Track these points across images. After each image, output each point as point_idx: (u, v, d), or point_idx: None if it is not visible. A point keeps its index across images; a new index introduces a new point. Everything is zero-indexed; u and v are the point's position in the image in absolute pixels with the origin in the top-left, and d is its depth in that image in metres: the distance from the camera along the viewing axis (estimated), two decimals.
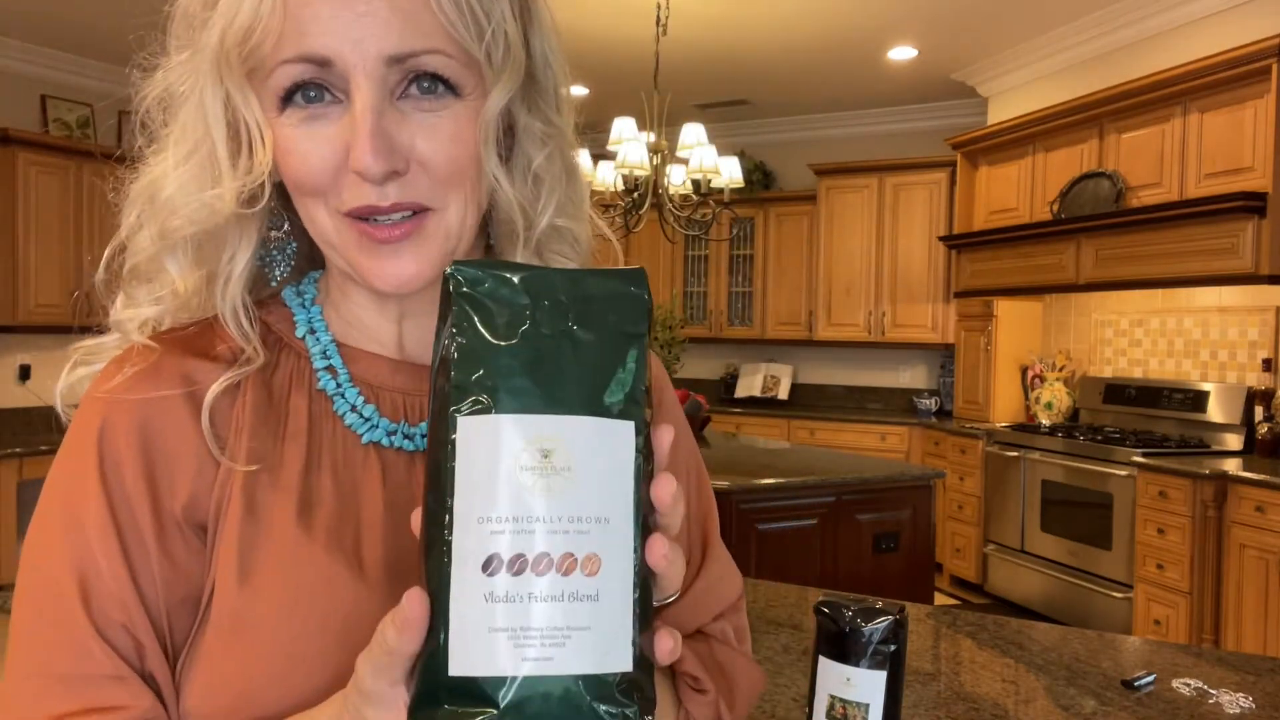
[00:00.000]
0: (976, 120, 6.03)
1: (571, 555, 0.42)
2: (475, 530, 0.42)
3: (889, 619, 0.77)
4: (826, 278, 6.58)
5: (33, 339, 5.50)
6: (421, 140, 0.60)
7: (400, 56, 0.58)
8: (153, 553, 0.60)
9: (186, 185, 0.63)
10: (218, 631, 0.59)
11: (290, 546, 0.61)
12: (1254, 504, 3.67)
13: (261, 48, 0.58)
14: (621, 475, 0.44)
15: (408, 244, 0.61)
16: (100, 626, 0.59)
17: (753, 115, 7.01)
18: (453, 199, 0.62)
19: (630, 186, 4.35)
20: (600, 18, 4.91)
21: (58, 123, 5.65)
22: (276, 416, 0.65)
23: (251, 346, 0.65)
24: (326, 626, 0.59)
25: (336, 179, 0.60)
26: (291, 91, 0.59)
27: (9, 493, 4.94)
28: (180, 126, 0.64)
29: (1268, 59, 3.83)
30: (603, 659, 0.42)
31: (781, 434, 6.42)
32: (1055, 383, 5.30)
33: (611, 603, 0.42)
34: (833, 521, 3.40)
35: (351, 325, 0.70)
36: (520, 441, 0.43)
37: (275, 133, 0.61)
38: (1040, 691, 1.44)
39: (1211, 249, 4.07)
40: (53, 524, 0.61)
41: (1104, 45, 4.94)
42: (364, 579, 0.61)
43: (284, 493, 0.62)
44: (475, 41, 0.60)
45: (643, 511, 0.45)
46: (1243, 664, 1.54)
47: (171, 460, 0.62)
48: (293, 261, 0.72)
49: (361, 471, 0.65)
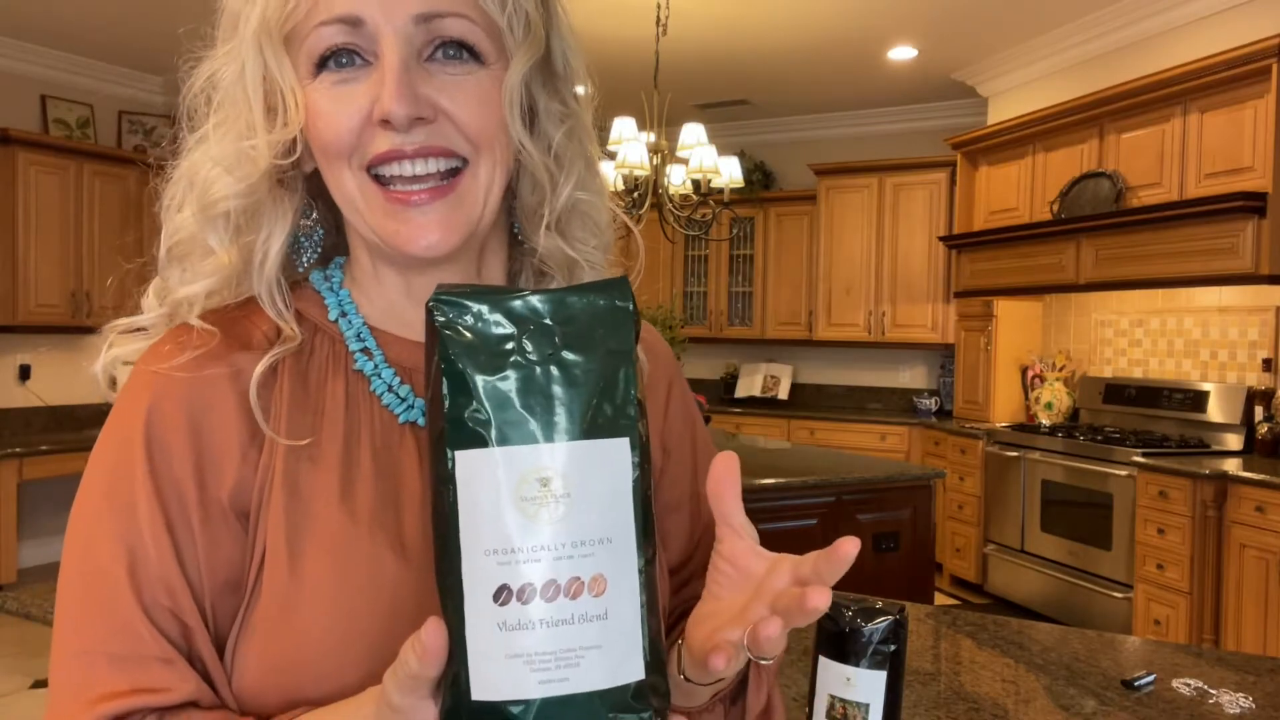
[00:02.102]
0: (976, 120, 6.03)
1: (578, 579, 0.43)
2: (483, 562, 0.43)
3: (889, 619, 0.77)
4: (826, 278, 6.58)
5: (33, 339, 5.50)
6: (446, 98, 0.63)
7: (427, 15, 0.62)
8: (198, 538, 0.62)
9: (226, 152, 0.66)
10: (267, 613, 0.61)
11: (335, 528, 0.63)
12: (1254, 504, 3.67)
13: (297, 12, 0.62)
14: (620, 493, 0.45)
15: (436, 205, 0.63)
16: (148, 609, 0.60)
17: (753, 115, 7.01)
18: (483, 157, 0.65)
19: (630, 186, 4.35)
20: (600, 18, 4.91)
21: (58, 123, 5.65)
22: (313, 400, 0.67)
23: (288, 325, 0.67)
24: (373, 605, 0.61)
25: (362, 135, 0.63)
26: (326, 57, 0.63)
27: (9, 493, 4.94)
28: (219, 108, 0.67)
29: (1268, 59, 3.83)
30: (615, 672, 0.43)
31: (781, 434, 6.42)
32: (1055, 383, 5.30)
33: (620, 618, 0.44)
34: (833, 521, 3.40)
35: (380, 309, 0.72)
36: (518, 473, 0.43)
37: (308, 97, 0.64)
38: (1040, 691, 1.44)
39: (1211, 249, 4.07)
40: (99, 505, 0.62)
41: (1104, 45, 4.94)
42: (406, 557, 0.63)
43: (325, 474, 0.64)
44: (498, 10, 0.64)
45: (649, 520, 0.46)
46: (1243, 664, 1.54)
47: (217, 445, 0.64)
48: (319, 249, 0.75)
49: (400, 450, 0.67)
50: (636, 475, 0.45)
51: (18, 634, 4.38)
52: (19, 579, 4.95)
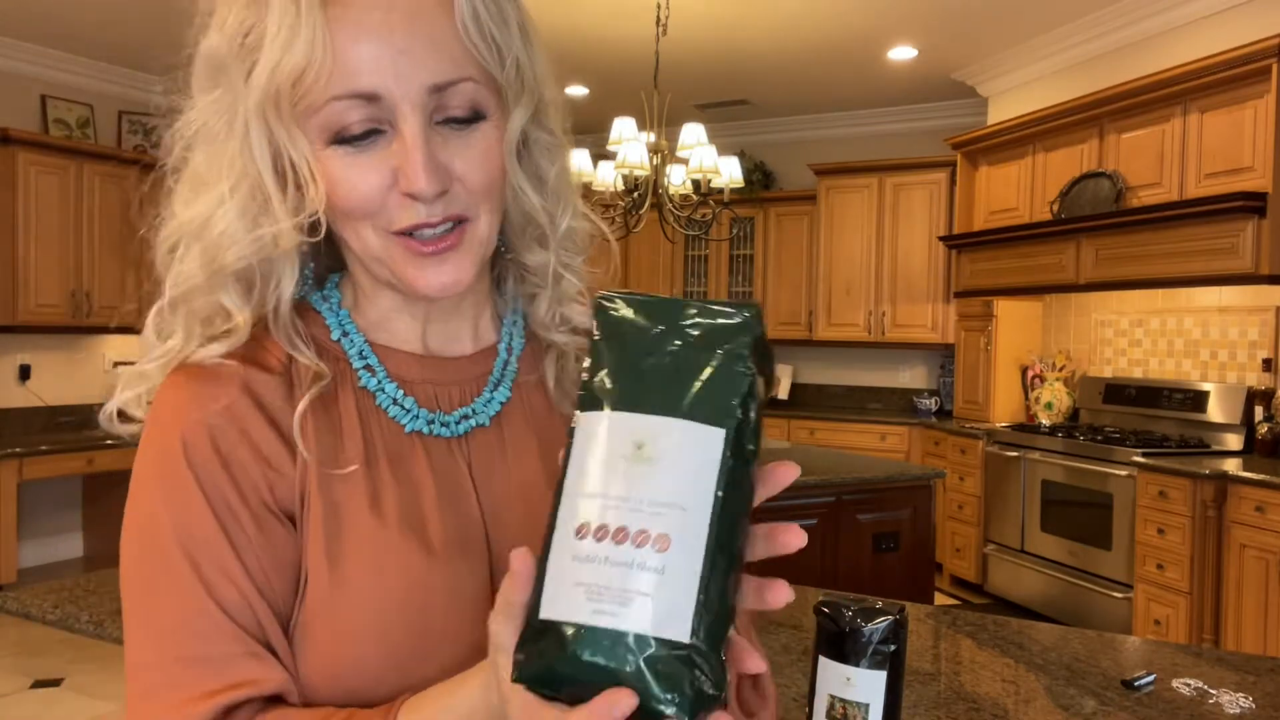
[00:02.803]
0: (976, 120, 6.03)
1: (646, 531, 0.48)
2: (575, 504, 0.50)
3: (889, 619, 0.77)
4: (826, 278, 6.58)
5: (33, 339, 5.50)
6: (459, 160, 0.66)
7: (440, 85, 0.64)
8: (255, 540, 0.66)
9: (235, 222, 0.68)
10: (314, 612, 0.66)
11: (369, 534, 0.68)
12: (1254, 504, 3.67)
13: (314, 88, 0.63)
14: (704, 473, 0.49)
15: (451, 254, 0.68)
16: (228, 610, 0.64)
17: (753, 115, 7.01)
18: (484, 210, 0.69)
19: (630, 186, 4.35)
20: (600, 18, 4.91)
21: (58, 123, 5.65)
22: (331, 417, 0.71)
23: (314, 362, 0.70)
24: (408, 600, 0.67)
25: (385, 201, 0.66)
26: (341, 131, 0.64)
27: (9, 493, 4.94)
28: (216, 159, 0.68)
29: (1268, 59, 3.83)
30: (660, 624, 0.47)
31: (781, 434, 6.42)
32: (1055, 383, 5.30)
33: (676, 579, 0.48)
34: (833, 521, 3.40)
35: (378, 326, 0.76)
36: (620, 434, 0.50)
37: (323, 165, 0.66)
38: (1040, 691, 1.44)
39: (1211, 249, 4.07)
40: (160, 527, 0.65)
41: (1104, 45, 4.94)
42: (433, 556, 0.69)
43: (354, 486, 0.69)
44: (498, 67, 0.67)
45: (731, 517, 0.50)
46: (1243, 664, 1.54)
47: (249, 463, 0.67)
48: (310, 277, 0.77)
49: (411, 458, 0.72)
50: (724, 464, 0.50)
51: (18, 634, 4.38)
52: (19, 579, 4.95)
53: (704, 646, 0.48)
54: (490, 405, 0.76)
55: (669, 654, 0.47)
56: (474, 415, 0.75)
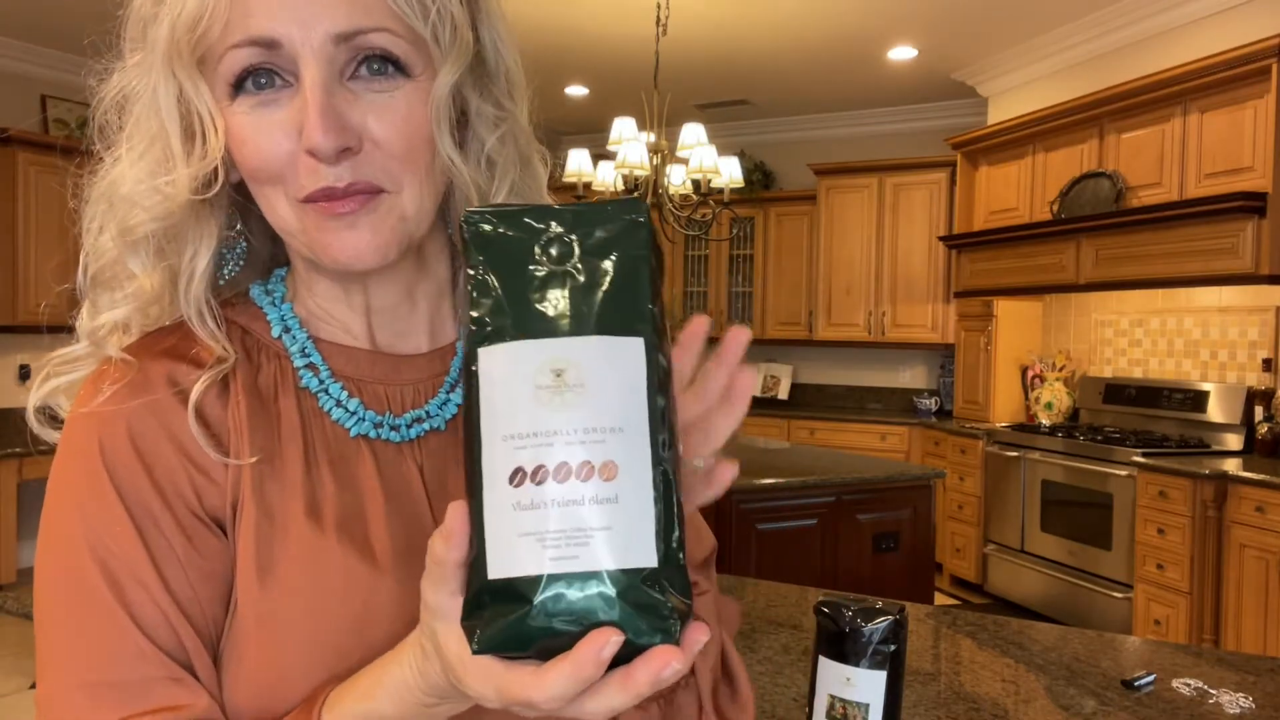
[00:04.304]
0: (976, 120, 6.03)
1: (589, 463, 0.45)
2: (500, 448, 0.46)
3: (889, 619, 0.77)
4: (826, 278, 6.58)
5: (33, 339, 5.50)
6: (373, 119, 0.60)
7: (347, 34, 0.58)
8: (181, 552, 0.61)
9: (142, 180, 0.63)
10: (244, 630, 0.61)
11: (306, 543, 0.62)
12: (1254, 504, 3.67)
13: (209, 34, 0.58)
14: (634, 388, 0.47)
15: (362, 215, 0.61)
16: (146, 629, 0.59)
17: (753, 115, 7.01)
18: (408, 181, 0.62)
19: (630, 186, 4.35)
20: (600, 18, 4.91)
21: (58, 123, 5.65)
22: (270, 418, 0.66)
23: (220, 345, 0.65)
24: (347, 617, 0.61)
25: (292, 163, 0.60)
26: (242, 78, 0.60)
27: (9, 493, 4.94)
28: (135, 124, 0.64)
29: (1268, 59, 3.83)
30: (624, 555, 0.44)
31: (781, 434, 6.42)
32: (1055, 383, 5.30)
33: (630, 505, 0.45)
34: (833, 521, 3.40)
35: (323, 320, 0.70)
36: (534, 364, 0.46)
37: (228, 121, 0.61)
38: (1040, 691, 1.44)
39: (1211, 249, 4.07)
40: (74, 539, 0.60)
41: (1104, 45, 4.94)
42: (377, 568, 0.63)
43: (291, 491, 0.63)
44: (421, 20, 0.61)
45: (666, 421, 0.47)
46: (1243, 664, 1.54)
47: (175, 466, 0.62)
48: (243, 260, 0.73)
49: (356, 464, 0.66)
50: (650, 373, 0.47)
51: (18, 634, 4.38)
52: (19, 579, 4.96)
53: (674, 565, 0.46)
54: (446, 408, 0.70)
55: (639, 583, 0.45)
56: (428, 418, 0.70)
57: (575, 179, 4.45)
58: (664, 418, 0.47)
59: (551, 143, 7.40)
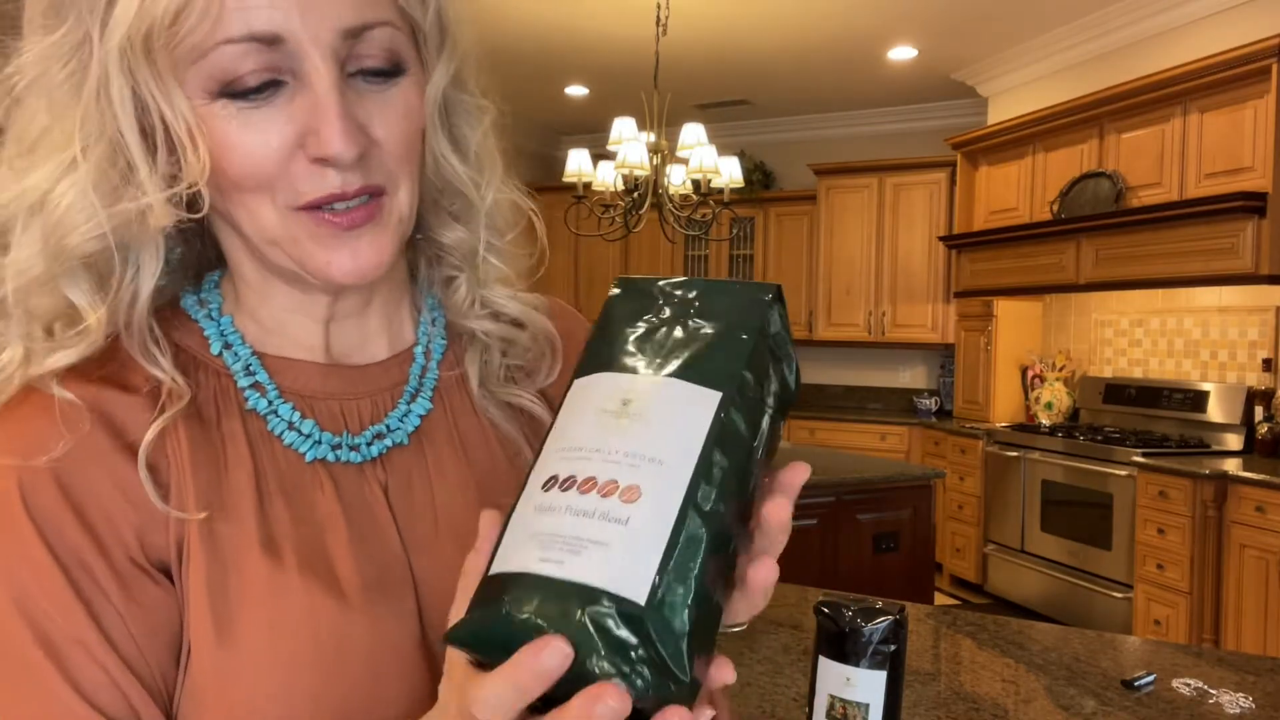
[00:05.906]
0: (976, 120, 6.03)
1: (615, 481, 0.44)
2: (550, 459, 0.46)
3: (889, 619, 0.77)
4: (826, 278, 6.58)
5: None
6: (377, 118, 0.56)
7: (355, 29, 0.54)
8: (120, 605, 0.54)
9: (87, 195, 0.54)
10: (201, 686, 0.55)
11: (264, 583, 0.56)
12: (1254, 504, 3.67)
13: (200, 28, 0.51)
14: (693, 430, 0.45)
15: (368, 230, 0.57)
16: (89, 696, 0.52)
17: (753, 115, 7.01)
18: (403, 180, 0.58)
19: (630, 186, 4.35)
20: (600, 18, 4.91)
21: None
22: (214, 447, 0.59)
23: (171, 379, 0.58)
24: (318, 657, 0.56)
25: (286, 169, 0.54)
26: (233, 82, 0.52)
27: None
28: (64, 121, 0.54)
29: (1268, 59, 3.83)
30: (612, 578, 0.41)
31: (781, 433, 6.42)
32: (1055, 383, 5.30)
33: (639, 533, 0.42)
34: (833, 521, 3.40)
35: (271, 331, 0.64)
36: (608, 392, 0.47)
37: (208, 125, 0.53)
38: (1040, 691, 1.44)
39: (1211, 249, 4.07)
40: (3, 605, 0.53)
41: (1104, 45, 4.94)
42: (345, 601, 0.57)
43: (243, 527, 0.57)
44: (420, 11, 0.58)
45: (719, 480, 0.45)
46: (1243, 664, 1.54)
47: (110, 509, 0.55)
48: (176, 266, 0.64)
49: (314, 492, 0.60)
50: (714, 425, 0.45)
51: None
52: None
53: (665, 621, 0.41)
54: (408, 420, 0.65)
55: (618, 613, 0.40)
56: (389, 433, 0.64)
57: (575, 179, 4.45)
58: (716, 474, 0.44)
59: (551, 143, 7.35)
